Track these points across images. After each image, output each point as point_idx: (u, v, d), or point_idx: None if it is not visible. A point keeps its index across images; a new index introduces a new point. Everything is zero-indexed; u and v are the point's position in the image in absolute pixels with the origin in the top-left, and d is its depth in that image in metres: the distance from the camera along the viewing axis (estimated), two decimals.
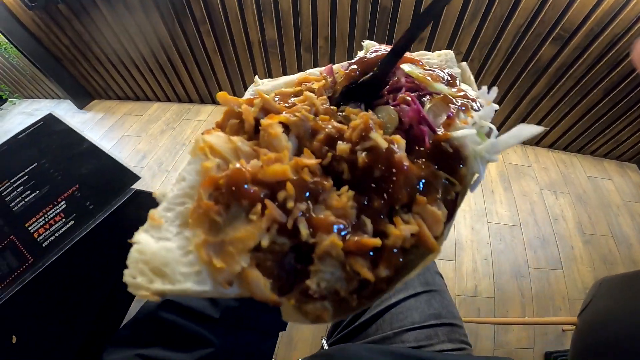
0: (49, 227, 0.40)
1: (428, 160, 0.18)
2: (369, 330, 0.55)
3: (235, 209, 0.17)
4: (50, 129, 0.50)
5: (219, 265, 0.16)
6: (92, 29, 1.82)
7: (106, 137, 2.02)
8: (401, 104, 0.21)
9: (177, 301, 0.30)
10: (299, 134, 0.19)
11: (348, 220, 0.17)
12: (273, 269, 0.17)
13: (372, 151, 0.17)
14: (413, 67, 0.24)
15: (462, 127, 0.19)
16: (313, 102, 0.21)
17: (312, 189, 0.17)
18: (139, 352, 0.28)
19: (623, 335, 0.58)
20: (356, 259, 0.16)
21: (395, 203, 0.17)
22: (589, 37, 1.28)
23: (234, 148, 0.18)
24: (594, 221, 1.52)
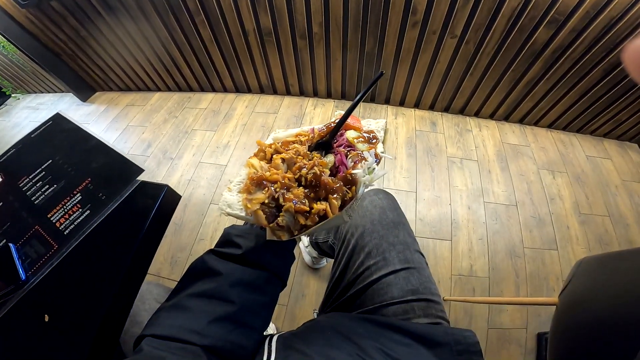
0: (69, 217, 0.44)
1: (340, 181, 0.40)
2: (355, 304, 0.60)
3: (258, 189, 0.40)
4: (60, 128, 0.54)
5: (249, 206, 0.38)
6: (88, 25, 1.84)
7: (111, 128, 2.07)
8: (337, 154, 0.43)
9: (215, 249, 0.44)
10: (288, 163, 0.42)
11: (299, 199, 0.38)
12: (267, 213, 0.38)
13: (314, 174, 0.40)
14: (352, 133, 0.46)
15: (358, 169, 0.40)
16: (298, 149, 0.44)
17: (288, 185, 0.40)
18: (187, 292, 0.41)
19: (598, 315, 0.60)
20: (299, 215, 0.38)
21: (319, 196, 0.39)
22: (584, 20, 1.28)
23: (261, 166, 0.42)
24: (591, 201, 1.54)
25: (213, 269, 0.41)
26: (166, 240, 1.43)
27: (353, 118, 0.47)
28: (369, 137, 0.46)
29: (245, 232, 0.45)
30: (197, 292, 0.40)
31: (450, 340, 0.46)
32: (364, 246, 0.63)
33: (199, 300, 0.39)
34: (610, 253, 0.71)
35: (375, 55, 1.65)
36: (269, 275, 0.44)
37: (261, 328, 0.43)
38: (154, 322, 0.38)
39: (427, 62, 1.63)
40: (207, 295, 0.40)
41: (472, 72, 1.61)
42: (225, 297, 0.39)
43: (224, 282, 0.40)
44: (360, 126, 0.47)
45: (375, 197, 0.71)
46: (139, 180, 0.46)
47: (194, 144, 1.86)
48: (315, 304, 1.23)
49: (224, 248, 0.44)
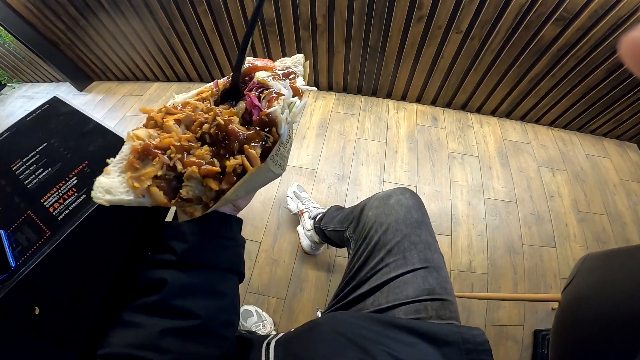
0: (63, 201, 0.43)
1: (256, 126, 0.34)
2: (366, 302, 0.58)
3: (146, 162, 0.32)
4: (57, 111, 0.52)
5: (136, 185, 0.31)
6: (88, 14, 1.80)
7: (108, 117, 2.04)
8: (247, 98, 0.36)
9: (145, 260, 0.38)
10: (186, 123, 0.36)
11: (205, 160, 0.32)
12: (166, 188, 0.32)
13: (218, 126, 0.33)
14: (262, 74, 0.39)
15: (274, 106, 0.34)
16: (196, 106, 0.37)
17: (187, 147, 0.33)
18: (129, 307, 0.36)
19: (604, 311, 0.60)
20: (209, 179, 0.31)
21: (233, 150, 0.32)
22: (592, 19, 1.26)
23: (149, 134, 0.35)
24: (590, 199, 1.54)
25: (157, 280, 0.35)
26: None
27: (263, 61, 0.42)
28: (284, 73, 0.40)
29: (177, 232, 0.38)
30: (141, 305, 0.35)
31: (458, 339, 0.45)
32: (385, 243, 0.62)
33: (145, 315, 0.34)
34: (616, 249, 0.70)
35: (378, 49, 1.63)
36: (220, 272, 0.39)
37: (230, 333, 0.39)
38: (104, 342, 0.34)
39: (431, 57, 1.61)
40: (153, 308, 0.35)
41: (476, 68, 1.60)
42: (175, 308, 0.34)
43: (170, 293, 0.35)
44: (272, 66, 0.41)
45: (401, 196, 0.70)
46: None
47: None
48: (314, 297, 1.23)
49: (156, 256, 0.38)
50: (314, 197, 1.48)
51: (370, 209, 0.71)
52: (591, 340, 0.61)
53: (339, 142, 1.73)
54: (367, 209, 0.72)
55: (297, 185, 1.46)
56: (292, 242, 1.36)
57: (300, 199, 1.38)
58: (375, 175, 1.58)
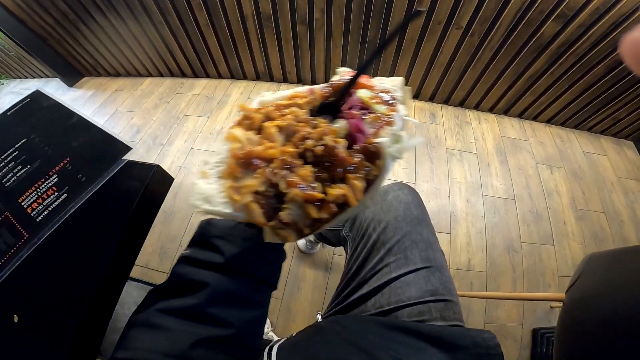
0: (42, 201, 0.40)
1: (360, 154, 0.30)
2: (367, 304, 0.55)
3: (247, 171, 0.29)
4: (38, 105, 0.48)
5: (236, 198, 0.28)
6: (77, 8, 1.75)
7: (98, 113, 1.99)
8: (350, 119, 0.32)
9: (188, 255, 0.35)
10: (286, 133, 0.31)
11: (307, 183, 0.28)
12: (264, 205, 0.28)
13: (325, 147, 0.29)
14: (364, 92, 0.34)
15: (382, 136, 0.30)
16: (297, 114, 0.33)
17: (290, 163, 0.29)
18: (158, 307, 0.32)
19: (610, 311, 0.58)
20: (309, 205, 0.28)
21: (334, 177, 0.29)
22: (593, 16, 1.25)
23: (248, 138, 0.31)
24: (588, 197, 1.54)
25: (196, 281, 0.33)
26: (155, 229, 1.38)
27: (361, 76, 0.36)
28: (386, 97, 0.35)
29: (227, 233, 0.36)
30: (174, 308, 0.32)
31: (469, 343, 0.43)
32: (385, 242, 0.59)
33: (177, 319, 0.31)
34: (621, 249, 0.69)
35: (376, 44, 1.60)
36: (258, 283, 0.37)
37: (257, 345, 0.37)
38: (123, 344, 0.31)
39: (430, 53, 1.59)
40: (187, 313, 0.32)
41: (475, 64, 1.58)
42: (211, 316, 0.32)
43: (211, 297, 0.32)
44: (372, 85, 0.36)
45: (400, 192, 0.67)
46: (125, 160, 0.41)
47: (186, 130, 1.80)
48: (312, 297, 1.20)
49: (201, 252, 0.35)
50: None
51: None
52: (597, 341, 0.60)
53: None
54: None
55: None
56: None
57: None
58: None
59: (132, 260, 0.44)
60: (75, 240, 0.39)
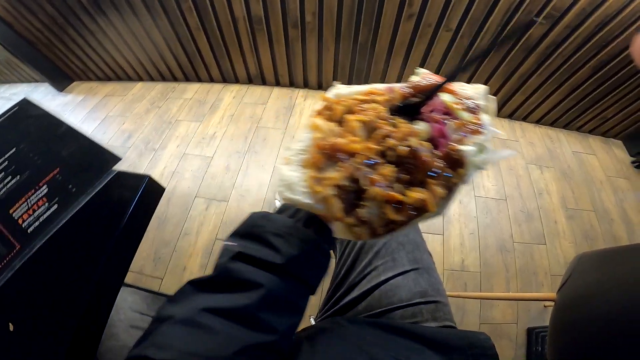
0: (33, 212, 0.39)
1: (442, 160, 0.29)
2: (359, 307, 0.56)
3: (330, 163, 0.29)
4: (27, 114, 0.48)
5: (318, 190, 0.28)
6: (65, 12, 1.73)
7: (89, 118, 1.96)
8: (433, 122, 0.31)
9: (244, 252, 0.32)
10: (368, 128, 0.31)
11: (388, 183, 0.28)
12: (343, 200, 0.28)
13: (410, 148, 0.29)
14: (449, 97, 0.34)
15: (467, 145, 0.30)
16: (378, 110, 0.32)
17: (373, 159, 0.29)
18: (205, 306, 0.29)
19: (601, 311, 0.59)
20: (388, 205, 0.28)
21: (417, 180, 0.29)
22: (580, 17, 1.27)
23: (331, 129, 0.31)
24: (577, 196, 1.56)
25: (250, 281, 0.30)
26: (149, 235, 1.37)
27: (440, 78, 0.35)
28: (469, 104, 0.34)
29: (286, 231, 0.33)
30: (224, 308, 0.29)
31: (465, 345, 0.43)
32: (372, 245, 0.60)
33: (226, 321, 0.28)
34: (609, 249, 0.70)
35: (368, 47, 1.61)
36: (307, 289, 0.35)
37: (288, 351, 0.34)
38: (158, 341, 0.27)
39: (421, 56, 1.60)
40: (237, 315, 0.29)
41: (465, 66, 1.59)
42: (261, 320, 0.29)
43: (263, 300, 0.29)
44: (454, 89, 0.35)
45: None
46: (115, 170, 0.40)
47: (178, 135, 1.78)
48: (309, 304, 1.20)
49: (257, 248, 0.32)
50: None
51: None
52: (588, 340, 0.61)
53: None
54: None
55: None
56: None
57: None
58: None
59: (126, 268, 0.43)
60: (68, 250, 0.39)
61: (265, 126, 1.79)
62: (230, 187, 1.53)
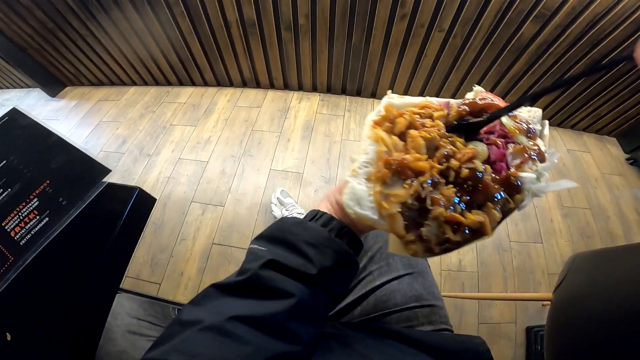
0: (24, 225, 0.39)
1: (500, 184, 0.29)
2: (354, 312, 0.56)
3: (395, 178, 0.29)
4: (16, 124, 0.47)
5: (385, 206, 0.28)
6: (56, 17, 1.71)
7: (82, 124, 1.95)
8: (492, 144, 0.32)
9: (277, 260, 0.31)
10: (429, 146, 0.30)
11: (450, 204, 0.28)
12: (407, 217, 0.28)
13: (471, 170, 0.29)
14: (507, 120, 0.33)
15: (527, 171, 0.30)
16: (440, 127, 0.32)
17: (436, 179, 0.29)
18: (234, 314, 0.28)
19: (597, 310, 0.60)
20: (447, 225, 0.28)
21: (475, 202, 0.29)
22: (570, 16, 1.28)
23: (394, 143, 0.31)
24: (573, 194, 1.57)
25: (281, 290, 0.30)
26: (145, 240, 1.36)
27: (497, 99, 0.35)
28: (528, 128, 0.34)
29: (320, 242, 0.32)
30: (253, 317, 0.28)
31: (460, 349, 0.43)
32: (367, 250, 0.60)
33: (254, 330, 0.27)
34: (604, 249, 0.71)
35: (362, 48, 1.61)
36: (333, 300, 0.35)
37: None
38: (182, 347, 0.26)
39: (414, 56, 1.60)
40: (265, 324, 0.28)
41: (459, 66, 1.60)
42: (289, 331, 0.29)
43: (292, 310, 0.29)
44: (515, 115, 0.35)
45: None
46: (105, 182, 0.40)
47: (173, 140, 1.77)
48: None
49: (290, 256, 0.32)
50: (301, 201, 1.45)
51: None
52: (585, 339, 0.61)
53: (324, 144, 1.70)
54: None
55: (281, 190, 1.43)
56: None
57: (284, 204, 1.35)
58: None
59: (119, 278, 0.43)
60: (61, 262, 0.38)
61: (260, 129, 1.78)
62: (226, 192, 1.52)
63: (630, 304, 0.55)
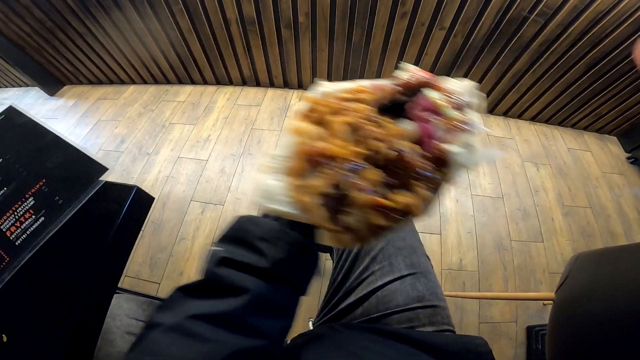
0: (20, 224, 0.38)
1: (429, 161, 0.28)
2: (356, 312, 0.55)
3: (313, 169, 0.28)
4: (12, 122, 0.46)
5: (302, 198, 0.27)
6: (54, 15, 1.70)
7: (81, 123, 1.94)
8: (420, 121, 0.30)
9: (229, 257, 0.32)
10: (353, 130, 0.29)
11: (375, 188, 0.27)
12: (328, 208, 0.27)
13: (396, 150, 0.28)
14: (436, 94, 0.32)
15: (455, 144, 0.28)
16: (364, 111, 0.30)
17: (358, 164, 0.27)
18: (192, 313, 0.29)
19: (599, 310, 0.59)
20: (373, 211, 0.26)
21: (403, 183, 0.28)
22: (572, 14, 1.27)
23: (316, 133, 0.29)
24: (574, 193, 1.56)
25: (236, 286, 0.30)
26: (144, 240, 1.35)
27: (426, 73, 0.34)
28: (457, 101, 0.32)
29: (272, 235, 0.32)
30: (211, 314, 0.29)
31: (461, 350, 0.43)
32: (369, 250, 0.59)
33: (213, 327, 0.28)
34: (606, 249, 0.70)
35: (362, 46, 1.60)
36: (296, 291, 0.35)
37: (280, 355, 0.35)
38: (148, 348, 0.27)
39: (415, 54, 1.60)
40: (225, 321, 0.29)
41: (459, 64, 1.59)
42: (249, 325, 0.29)
43: (250, 305, 0.29)
44: (441, 86, 0.33)
45: None
46: (102, 181, 0.39)
47: (172, 139, 1.76)
48: (306, 302, 1.19)
49: (243, 253, 0.32)
50: None
51: None
52: (587, 339, 0.60)
53: None
54: None
55: None
56: None
57: None
58: None
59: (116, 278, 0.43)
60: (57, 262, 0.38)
61: (260, 128, 1.77)
62: (226, 191, 1.51)
63: (633, 304, 0.55)
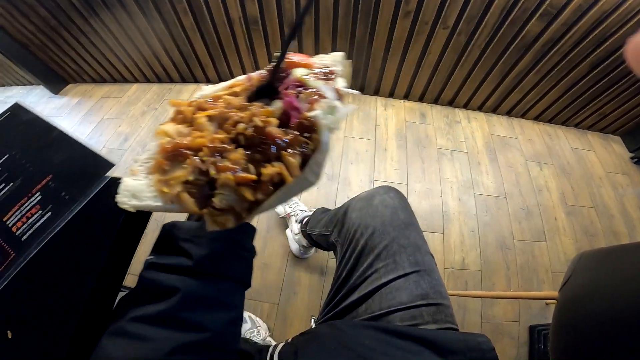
0: (26, 220, 0.38)
1: (295, 130, 0.30)
2: (359, 309, 0.55)
3: (176, 163, 0.30)
4: (18, 119, 0.47)
5: (165, 190, 0.29)
6: (59, 14, 1.71)
7: (85, 121, 1.94)
8: (285, 97, 0.32)
9: (155, 262, 0.34)
10: (218, 121, 0.32)
11: (240, 166, 0.28)
12: (197, 194, 0.29)
13: (256, 127, 0.29)
14: (301, 71, 0.34)
15: (315, 110, 0.30)
16: (230, 101, 0.33)
17: (221, 149, 0.29)
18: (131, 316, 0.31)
19: (603, 309, 0.59)
20: (243, 187, 0.28)
21: (270, 157, 0.29)
22: (576, 14, 1.27)
23: (178, 131, 0.32)
24: (577, 192, 1.56)
25: (166, 287, 0.32)
26: (147, 237, 1.34)
27: (299, 56, 0.37)
28: (324, 72, 0.35)
29: (195, 235, 0.34)
30: (147, 315, 0.31)
31: (464, 347, 0.43)
32: (373, 248, 0.59)
33: (152, 326, 0.30)
34: (610, 248, 0.70)
35: (365, 45, 1.60)
36: (231, 283, 0.36)
37: (236, 347, 0.36)
38: (100, 353, 0.30)
39: (418, 53, 1.59)
40: (161, 319, 0.30)
41: (463, 63, 1.59)
42: (185, 320, 0.31)
43: (183, 302, 0.31)
44: (310, 63, 0.36)
45: (385, 196, 0.66)
46: (108, 177, 0.40)
47: None
48: (308, 301, 1.19)
49: (168, 258, 0.34)
50: (304, 198, 1.45)
51: (353, 211, 0.68)
52: (590, 338, 0.60)
53: None
54: (351, 211, 0.68)
55: None
56: (282, 245, 1.32)
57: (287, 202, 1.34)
58: (365, 174, 1.56)
59: (123, 274, 0.43)
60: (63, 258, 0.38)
61: None
62: None
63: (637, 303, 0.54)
